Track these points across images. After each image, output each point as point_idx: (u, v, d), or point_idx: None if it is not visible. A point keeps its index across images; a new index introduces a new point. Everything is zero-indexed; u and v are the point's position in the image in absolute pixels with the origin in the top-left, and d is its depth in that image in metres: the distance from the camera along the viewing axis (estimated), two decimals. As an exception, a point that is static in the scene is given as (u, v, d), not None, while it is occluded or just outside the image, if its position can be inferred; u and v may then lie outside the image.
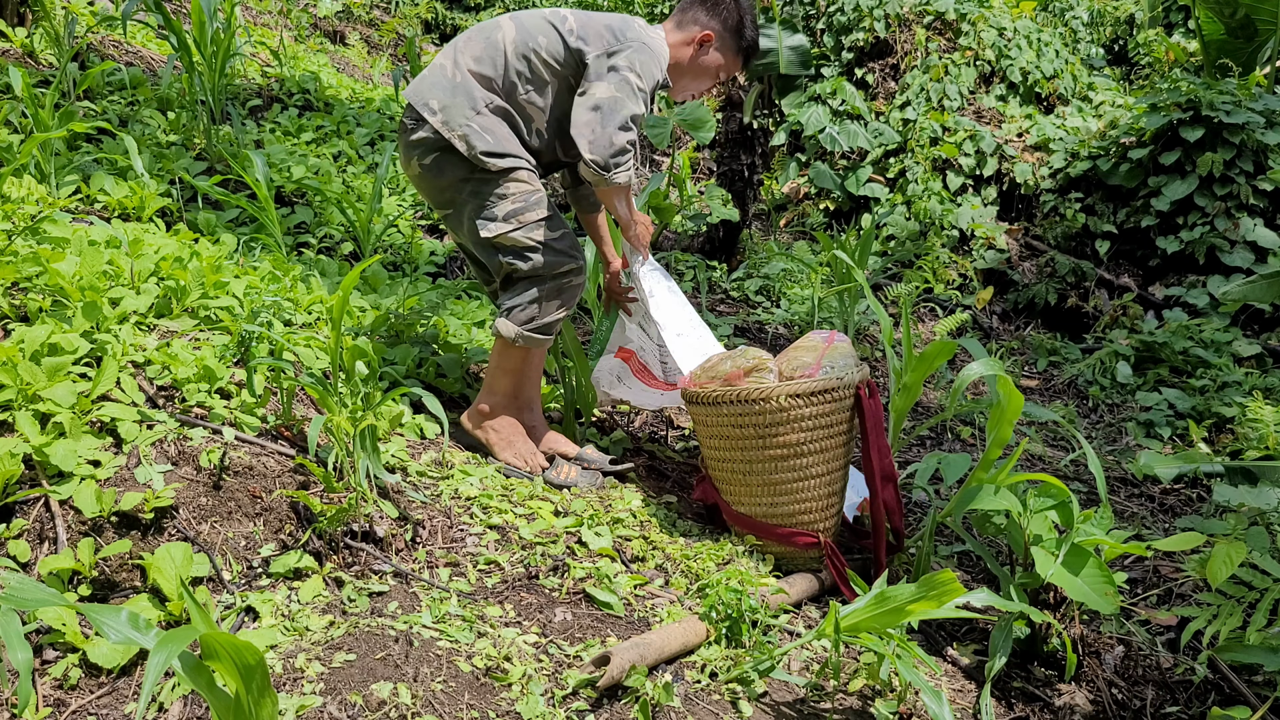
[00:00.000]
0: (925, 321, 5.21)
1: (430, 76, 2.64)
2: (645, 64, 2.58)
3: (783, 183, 6.72)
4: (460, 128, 2.56)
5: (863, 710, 2.00)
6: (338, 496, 2.24)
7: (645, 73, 2.57)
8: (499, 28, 2.64)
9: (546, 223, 2.62)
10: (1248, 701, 2.12)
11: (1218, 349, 4.50)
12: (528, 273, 2.63)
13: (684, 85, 2.82)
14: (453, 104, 2.57)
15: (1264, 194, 5.20)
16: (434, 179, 2.65)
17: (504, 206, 2.60)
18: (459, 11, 10.20)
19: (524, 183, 2.61)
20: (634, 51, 2.57)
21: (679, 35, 2.75)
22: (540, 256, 2.62)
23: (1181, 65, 7.78)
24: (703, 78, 2.81)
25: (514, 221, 2.60)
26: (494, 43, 2.61)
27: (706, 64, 2.77)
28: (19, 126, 3.72)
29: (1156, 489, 3.43)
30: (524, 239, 2.61)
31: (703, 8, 2.74)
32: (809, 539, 2.44)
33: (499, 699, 1.83)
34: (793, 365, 2.48)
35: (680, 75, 2.78)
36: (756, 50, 2.82)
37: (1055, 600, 2.21)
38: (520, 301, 2.65)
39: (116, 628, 1.36)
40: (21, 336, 2.21)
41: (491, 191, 2.60)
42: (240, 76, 5.46)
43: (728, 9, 2.74)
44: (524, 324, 2.65)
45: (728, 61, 2.79)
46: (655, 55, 2.62)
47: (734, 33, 2.75)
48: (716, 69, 2.79)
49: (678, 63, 2.75)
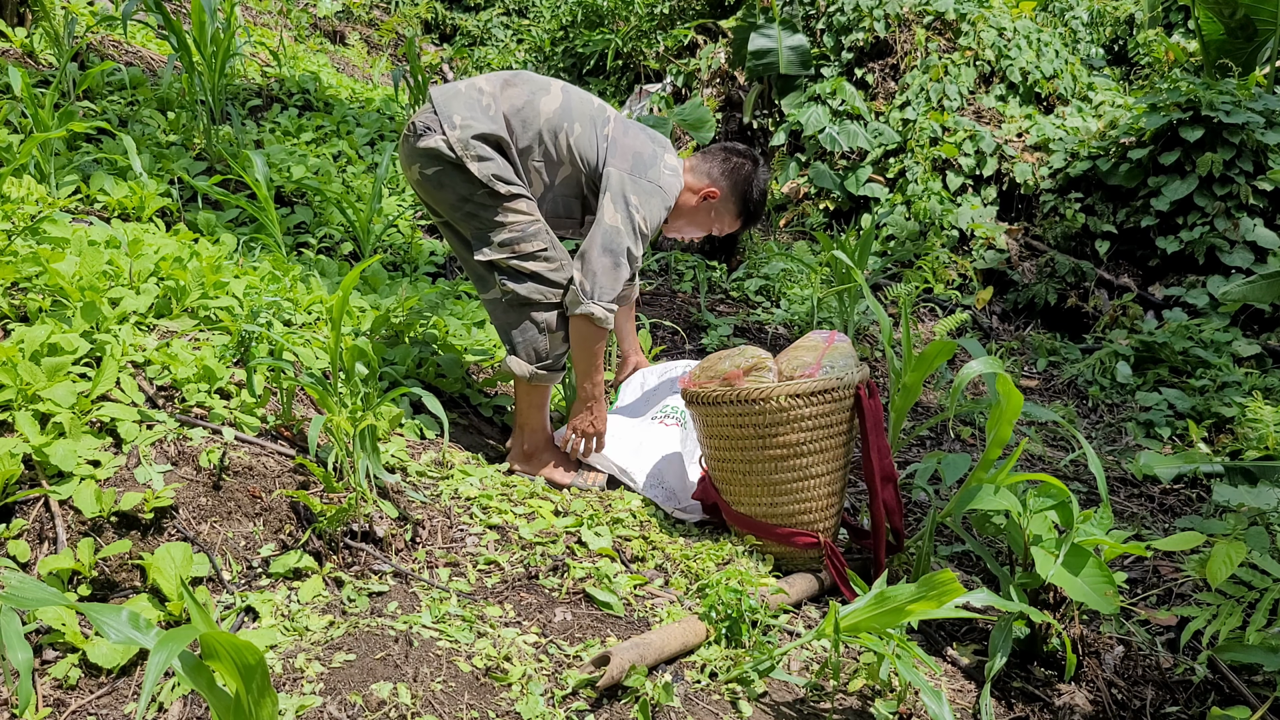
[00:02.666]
0: (925, 321, 5.21)
1: (466, 94, 2.64)
2: (654, 209, 2.67)
3: (782, 183, 6.72)
4: (476, 149, 2.56)
5: (862, 710, 2.00)
6: (337, 496, 2.24)
7: (651, 217, 2.66)
8: (547, 91, 2.68)
9: (543, 254, 2.63)
10: (1247, 701, 2.12)
11: (1217, 349, 4.50)
12: (521, 299, 2.63)
13: (678, 226, 2.89)
14: (476, 127, 2.57)
15: (1264, 194, 5.20)
16: (433, 190, 2.65)
17: (501, 234, 2.61)
18: (459, 11, 10.20)
19: (523, 212, 2.61)
20: (649, 195, 2.66)
21: (690, 179, 2.82)
22: (534, 285, 2.62)
23: (1181, 65, 7.78)
24: (697, 226, 2.89)
25: (509, 250, 2.61)
26: (535, 104, 2.65)
27: (704, 216, 2.86)
28: (19, 126, 3.72)
29: (1156, 489, 3.42)
30: (518, 266, 2.61)
31: (719, 163, 2.82)
32: (809, 539, 2.44)
33: (499, 699, 1.83)
34: (793, 365, 2.48)
35: (678, 216, 2.85)
36: (757, 218, 2.92)
37: (1055, 600, 2.21)
38: (525, 338, 2.67)
39: (116, 627, 1.36)
40: (21, 336, 2.21)
41: (490, 217, 2.61)
42: (240, 76, 5.46)
43: (740, 176, 2.81)
44: (535, 362, 2.67)
45: (724, 221, 2.88)
46: (665, 201, 2.71)
47: (740, 198, 2.83)
48: (711, 223, 2.88)
49: (681, 205, 2.82)
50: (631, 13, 9.29)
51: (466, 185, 2.59)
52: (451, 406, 3.03)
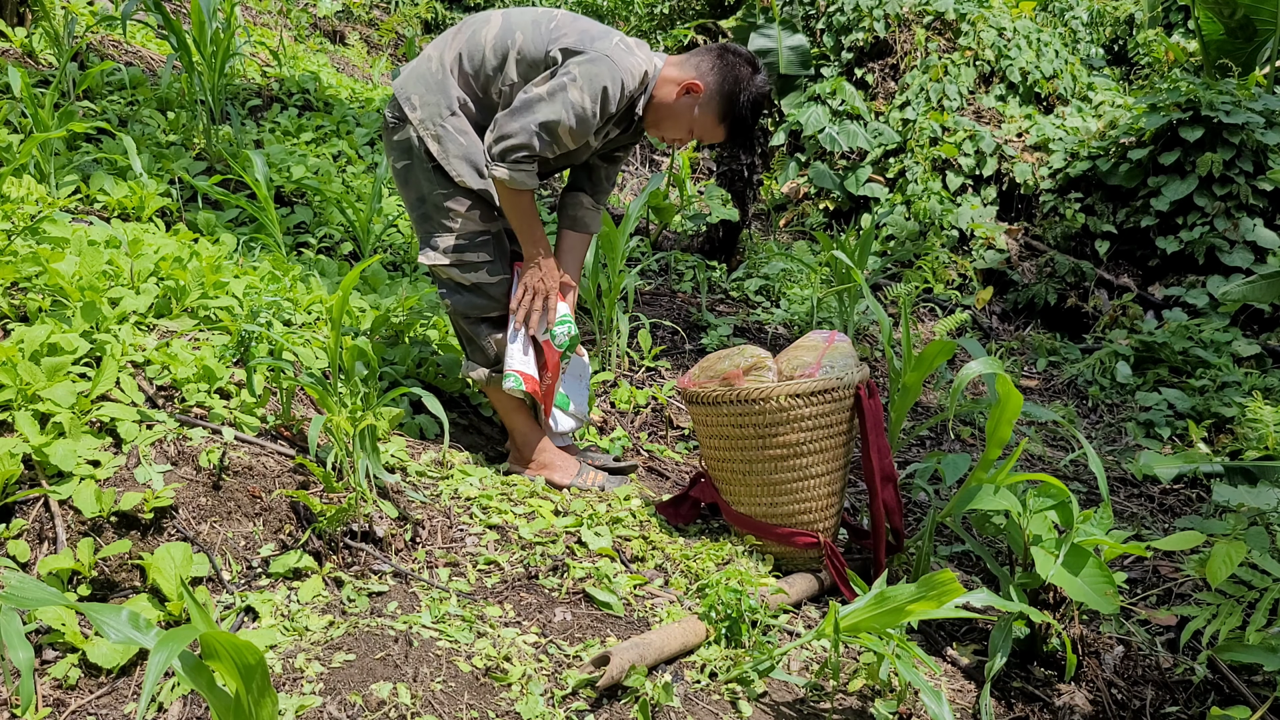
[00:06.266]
0: (925, 321, 5.21)
1: (417, 68, 2.57)
2: (595, 76, 2.41)
3: (782, 183, 6.72)
4: (435, 127, 2.51)
5: (862, 710, 2.00)
6: (337, 496, 2.24)
7: (591, 85, 2.41)
8: (487, 22, 2.56)
9: (487, 266, 2.59)
10: (1247, 701, 2.12)
11: (1217, 349, 4.50)
12: (459, 311, 2.63)
13: (656, 122, 2.62)
14: (432, 101, 2.52)
15: (1263, 194, 5.20)
16: (401, 187, 2.63)
17: (447, 240, 2.57)
18: (459, 11, 10.20)
19: (474, 221, 2.57)
20: (590, 62, 2.41)
21: (674, 72, 2.57)
22: (473, 297, 2.61)
23: (1181, 65, 7.78)
24: (676, 124, 2.59)
25: (452, 256, 2.57)
26: (477, 38, 2.54)
27: (681, 113, 2.56)
28: (19, 126, 3.72)
29: (1156, 489, 3.42)
30: (459, 277, 2.59)
31: (709, 60, 2.55)
32: (808, 539, 2.44)
33: (499, 699, 1.83)
34: (793, 365, 2.48)
35: (655, 111, 2.59)
36: (744, 130, 2.60)
37: (1055, 600, 2.21)
38: (474, 346, 2.68)
39: (116, 627, 1.36)
40: (21, 336, 2.21)
41: (440, 221, 2.57)
42: (240, 76, 5.46)
43: (731, 75, 2.53)
44: (489, 365, 2.68)
45: (706, 122, 2.57)
46: (616, 70, 2.43)
47: (725, 99, 2.53)
48: (690, 124, 2.58)
49: (660, 99, 2.57)
50: (631, 12, 9.29)
51: (427, 183, 2.54)
52: (451, 406, 3.02)
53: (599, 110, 2.45)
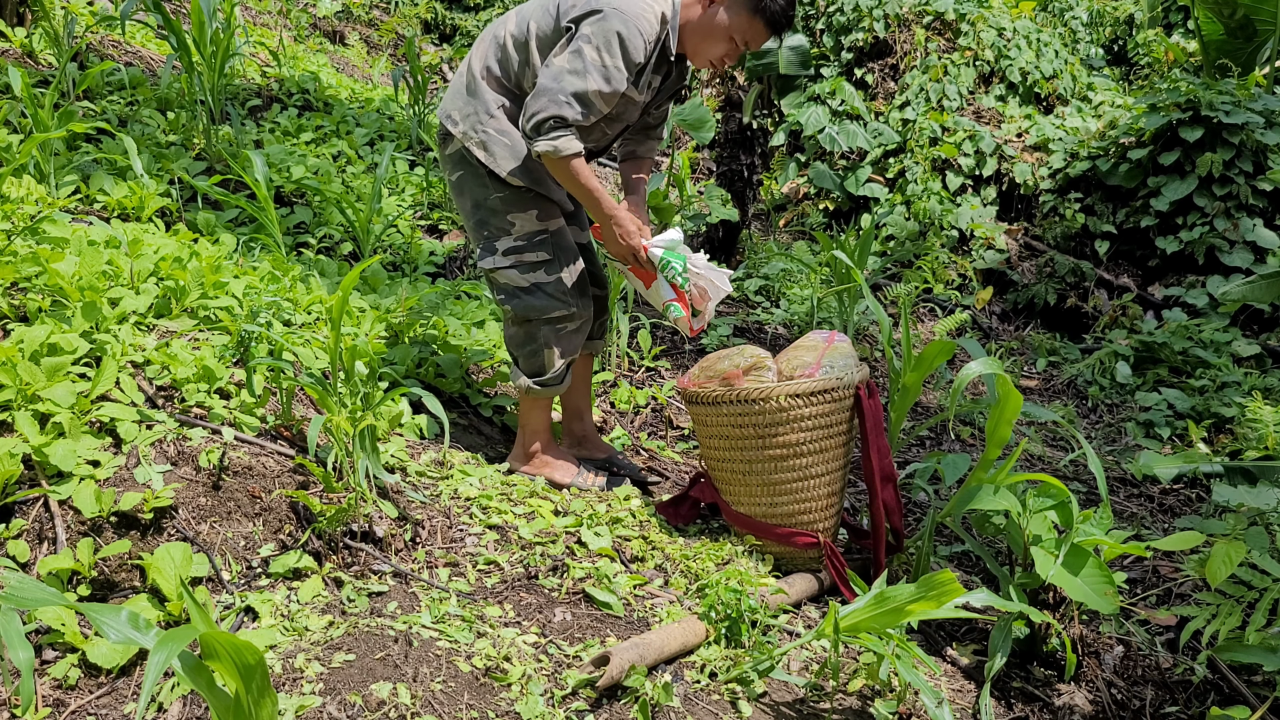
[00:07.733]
0: (925, 321, 5.21)
1: (453, 85, 2.64)
2: (607, 30, 2.35)
3: (782, 183, 6.72)
4: (478, 134, 2.54)
5: (862, 710, 2.00)
6: (337, 496, 2.24)
7: (606, 40, 2.35)
8: (504, 23, 2.59)
9: (545, 266, 2.59)
10: (1247, 701, 2.12)
11: (1217, 349, 4.50)
12: (517, 315, 2.62)
13: (695, 48, 2.53)
14: (470, 111, 2.56)
15: (1263, 194, 5.20)
16: (456, 197, 2.68)
17: (505, 242, 2.59)
18: (459, 11, 10.19)
19: (530, 221, 2.59)
20: (600, 20, 2.36)
21: None
22: (531, 299, 2.60)
23: (1181, 65, 7.79)
24: (714, 40, 2.49)
25: (512, 258, 2.58)
26: (498, 39, 2.57)
27: (715, 25, 2.46)
28: (18, 126, 3.72)
29: (1156, 489, 3.42)
30: (517, 279, 2.59)
31: None
32: (808, 539, 2.44)
33: (498, 699, 1.83)
34: (792, 365, 2.48)
35: (689, 36, 2.50)
36: (784, 20, 2.47)
37: (1055, 600, 2.21)
38: (521, 353, 2.67)
39: (116, 627, 1.36)
40: (21, 336, 2.21)
41: (498, 224, 2.59)
42: (240, 76, 5.46)
43: None
44: (531, 375, 2.67)
45: (740, 22, 2.45)
46: (626, 17, 2.36)
47: None
48: (728, 31, 2.46)
49: (687, 23, 2.49)
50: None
51: (480, 188, 2.58)
52: (451, 406, 3.02)
53: (622, 63, 2.39)
